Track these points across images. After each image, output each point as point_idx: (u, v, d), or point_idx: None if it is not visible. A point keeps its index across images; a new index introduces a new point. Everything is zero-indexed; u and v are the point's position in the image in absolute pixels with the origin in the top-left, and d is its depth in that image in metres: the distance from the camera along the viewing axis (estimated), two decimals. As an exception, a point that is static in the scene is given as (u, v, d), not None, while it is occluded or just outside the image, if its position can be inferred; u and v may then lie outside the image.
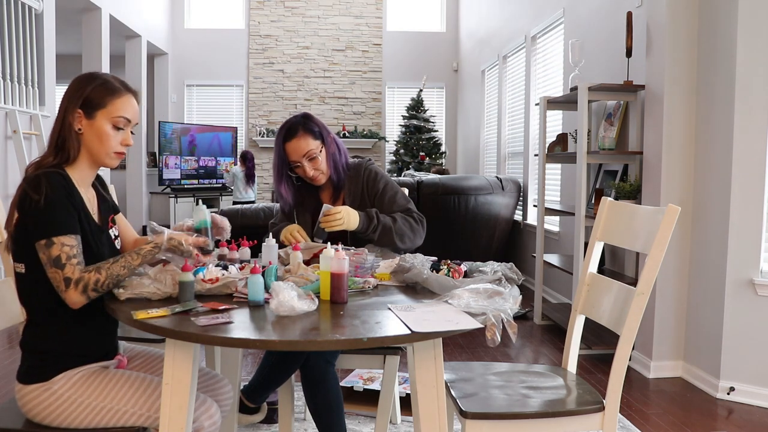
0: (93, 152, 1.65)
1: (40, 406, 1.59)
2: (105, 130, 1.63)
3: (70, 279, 1.52)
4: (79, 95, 1.62)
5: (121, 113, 1.64)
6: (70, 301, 1.54)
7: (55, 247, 1.52)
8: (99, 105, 1.62)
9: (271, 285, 1.57)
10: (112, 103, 1.63)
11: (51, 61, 5.63)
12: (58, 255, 1.52)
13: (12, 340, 3.92)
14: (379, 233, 2.23)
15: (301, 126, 2.30)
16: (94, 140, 1.63)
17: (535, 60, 6.01)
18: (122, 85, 1.68)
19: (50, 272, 1.53)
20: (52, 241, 1.52)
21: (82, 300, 1.54)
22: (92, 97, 1.62)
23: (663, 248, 1.65)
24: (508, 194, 5.40)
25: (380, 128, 9.86)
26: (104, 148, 1.64)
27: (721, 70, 3.09)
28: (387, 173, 2.44)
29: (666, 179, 3.30)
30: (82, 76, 1.68)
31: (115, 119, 1.64)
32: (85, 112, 1.62)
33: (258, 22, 9.72)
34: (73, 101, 1.62)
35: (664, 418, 2.83)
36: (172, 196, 8.70)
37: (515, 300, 1.58)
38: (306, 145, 2.28)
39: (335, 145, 2.37)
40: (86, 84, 1.64)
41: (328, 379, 2.10)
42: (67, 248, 1.53)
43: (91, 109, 1.62)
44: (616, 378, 1.71)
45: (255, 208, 4.52)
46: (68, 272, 1.52)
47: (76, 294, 1.53)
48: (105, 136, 1.63)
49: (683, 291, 3.36)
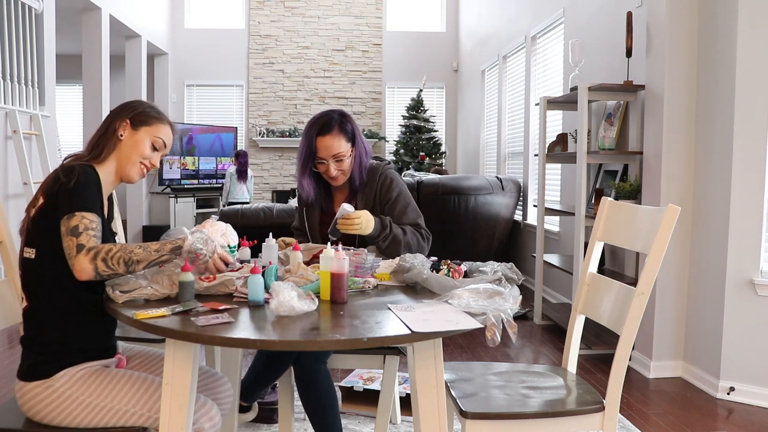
0: (123, 158, 1.77)
1: (41, 404, 1.59)
2: (143, 142, 1.79)
3: (83, 245, 1.55)
4: (132, 109, 1.81)
5: (161, 135, 1.82)
6: (78, 267, 1.54)
7: (75, 218, 1.58)
8: (146, 122, 1.80)
9: (271, 285, 1.57)
10: (157, 125, 1.82)
11: (51, 61, 5.62)
12: (77, 225, 1.57)
13: (12, 340, 3.92)
14: (388, 242, 2.20)
15: (337, 124, 2.25)
16: (130, 148, 1.77)
17: (535, 60, 6.01)
18: (166, 116, 1.87)
19: (66, 241, 1.57)
20: (74, 214, 1.58)
21: (90, 269, 1.54)
22: (143, 114, 1.81)
23: (663, 248, 1.66)
24: (508, 194, 5.40)
25: (380, 128, 9.85)
26: (135, 157, 1.77)
27: (721, 70, 3.09)
28: (402, 181, 2.40)
29: (666, 179, 3.30)
30: (137, 100, 1.89)
31: (155, 138, 1.81)
32: (132, 124, 1.79)
33: (258, 22, 9.72)
34: (125, 113, 1.80)
35: (664, 418, 2.83)
36: (172, 197, 8.69)
37: (515, 300, 1.58)
38: (338, 146, 2.23)
39: (363, 147, 2.32)
40: (140, 104, 1.84)
41: (320, 378, 2.10)
42: (87, 221, 1.59)
43: (139, 123, 1.79)
44: (616, 378, 1.71)
45: (255, 208, 4.52)
46: (83, 240, 1.56)
47: (86, 260, 1.54)
48: (141, 147, 1.78)
49: (683, 291, 3.36)
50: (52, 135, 5.64)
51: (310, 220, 2.40)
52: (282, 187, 9.80)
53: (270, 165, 9.84)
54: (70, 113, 9.60)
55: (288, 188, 9.69)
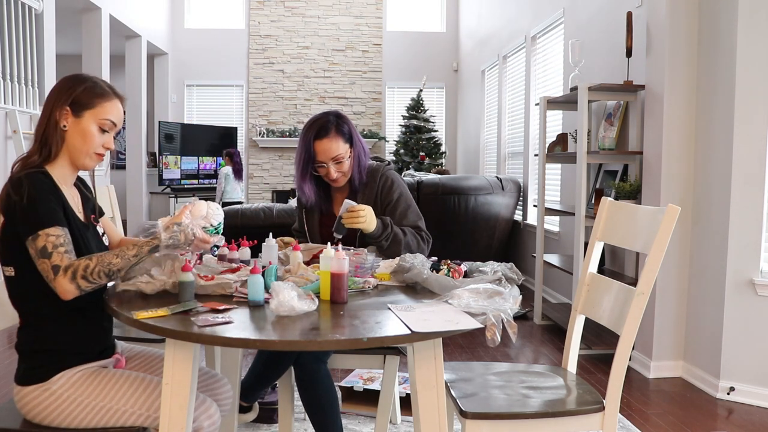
0: (74, 151, 1.65)
1: (39, 407, 1.58)
2: (90, 130, 1.64)
3: (58, 266, 1.50)
4: (68, 94, 1.63)
5: (108, 116, 1.66)
6: (61, 289, 1.50)
7: (41, 239, 1.51)
8: (87, 105, 1.64)
9: (271, 285, 1.57)
10: (101, 105, 1.65)
11: (51, 61, 5.63)
12: (44, 245, 1.51)
13: (12, 340, 3.92)
14: (390, 242, 2.19)
15: (334, 126, 2.23)
16: (77, 138, 1.64)
17: (535, 60, 6.01)
18: (111, 89, 1.69)
19: (39, 264, 1.51)
20: (38, 234, 1.51)
21: (72, 289, 1.50)
22: (81, 97, 1.64)
23: (663, 248, 1.65)
24: (508, 194, 5.40)
25: (380, 128, 9.85)
26: (86, 148, 1.65)
27: (721, 70, 3.09)
28: (403, 182, 2.39)
29: (666, 179, 3.29)
30: (71, 75, 1.70)
31: (101, 121, 1.66)
32: (73, 111, 1.63)
33: (258, 22, 9.71)
34: (62, 99, 1.63)
35: (664, 418, 2.83)
36: (172, 196, 8.69)
37: (515, 300, 1.58)
38: (337, 148, 2.22)
39: (361, 147, 2.31)
40: (76, 84, 1.65)
41: (320, 377, 2.10)
42: (53, 238, 1.52)
43: (80, 108, 1.63)
44: (616, 378, 1.71)
45: (255, 208, 4.52)
46: (56, 260, 1.50)
47: (66, 281, 1.49)
48: (89, 136, 1.64)
49: (683, 291, 3.36)
50: (52, 135, 5.63)
51: (310, 222, 2.40)
52: (282, 187, 9.80)
53: (270, 165, 9.84)
54: (70, 113, 9.58)
55: (288, 188, 9.69)
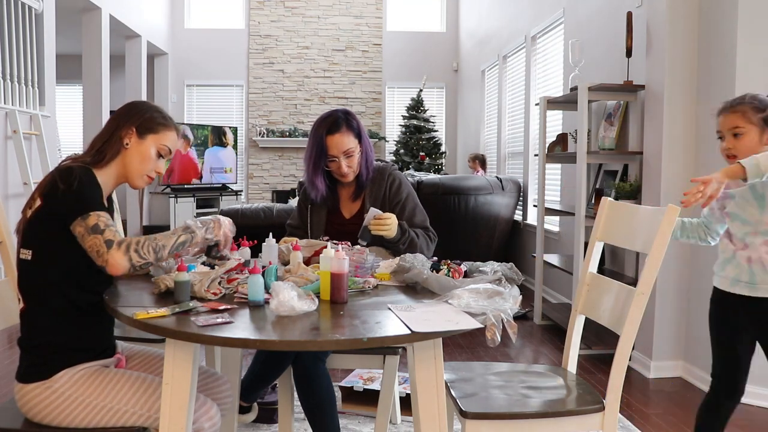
0: (128, 168, 1.75)
1: (40, 405, 1.58)
2: (149, 152, 1.76)
3: (112, 240, 1.55)
4: (138, 116, 1.76)
5: (167, 143, 1.79)
6: (114, 261, 1.53)
7: (92, 218, 1.57)
8: (152, 130, 1.77)
9: (271, 285, 1.57)
10: (163, 132, 1.78)
11: (51, 61, 5.62)
12: (96, 223, 1.56)
13: (12, 340, 3.92)
14: (407, 245, 2.24)
15: (344, 122, 2.30)
16: (136, 158, 1.75)
17: (535, 60, 6.01)
18: (172, 121, 1.84)
19: (90, 240, 1.55)
20: (89, 215, 1.57)
21: (124, 262, 1.54)
22: (148, 122, 1.77)
23: (663, 248, 1.66)
24: (508, 194, 5.40)
25: (380, 128, 9.85)
26: (142, 168, 1.76)
27: (721, 70, 3.08)
28: (408, 182, 2.45)
29: (666, 179, 3.29)
30: (141, 101, 1.85)
31: (161, 146, 1.78)
32: (138, 132, 1.75)
33: (258, 22, 9.72)
34: (132, 120, 1.76)
35: (664, 418, 2.83)
36: (172, 197, 8.69)
37: (515, 300, 1.58)
38: (348, 142, 2.29)
39: (368, 144, 2.39)
40: (146, 109, 1.80)
41: (318, 377, 2.11)
42: (104, 218, 1.58)
43: (145, 131, 1.76)
44: (616, 378, 1.71)
45: (255, 208, 4.52)
46: (109, 235, 1.55)
47: (120, 254, 1.53)
48: (147, 158, 1.76)
49: (683, 291, 3.35)
50: (52, 135, 5.64)
51: (315, 218, 2.41)
52: (282, 187, 9.80)
53: (270, 165, 9.84)
54: (70, 113, 9.59)
55: (288, 188, 9.69)
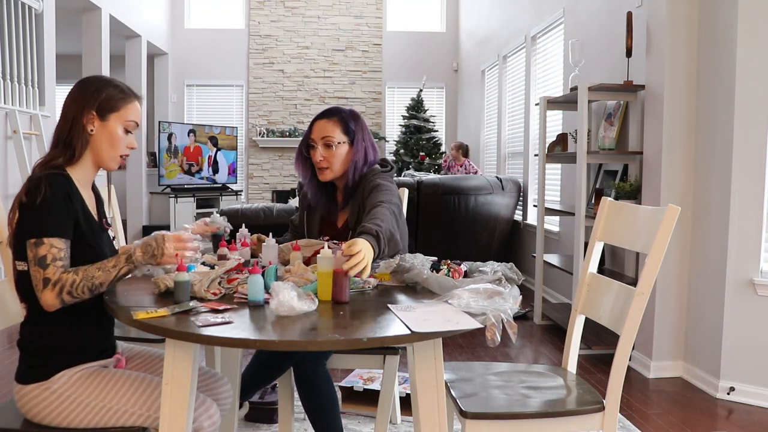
0: (100, 154, 1.69)
1: (39, 406, 1.58)
2: (117, 133, 1.68)
3: (48, 279, 1.52)
4: (95, 98, 1.66)
5: (132, 117, 1.71)
6: (44, 302, 1.53)
7: (44, 247, 1.53)
8: (113, 108, 1.67)
9: (271, 285, 1.57)
10: (125, 107, 1.69)
11: (51, 61, 5.63)
12: (45, 255, 1.53)
13: (12, 340, 3.92)
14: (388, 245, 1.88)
15: (340, 114, 2.23)
16: (104, 143, 1.67)
17: (535, 60, 6.01)
18: (130, 91, 1.73)
19: (32, 271, 1.53)
20: (42, 241, 1.53)
21: (55, 303, 1.53)
22: (107, 101, 1.67)
23: (663, 248, 1.65)
24: (508, 194, 5.40)
25: (380, 128, 9.85)
26: (113, 151, 1.69)
27: (721, 70, 3.08)
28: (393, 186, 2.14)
29: (666, 179, 3.29)
30: (92, 78, 1.72)
31: (127, 123, 1.70)
32: (99, 115, 1.66)
33: (258, 22, 9.72)
34: (89, 103, 1.66)
35: (664, 418, 2.83)
36: (172, 197, 8.68)
37: (515, 300, 1.58)
38: (330, 130, 2.18)
39: (363, 152, 2.22)
40: (99, 88, 1.68)
41: (318, 378, 2.10)
42: (55, 250, 1.54)
43: (106, 111, 1.67)
44: (616, 378, 1.71)
45: (255, 208, 4.52)
46: (49, 273, 1.52)
47: (51, 296, 1.52)
48: (116, 139, 1.68)
49: (683, 291, 3.36)
50: (52, 135, 5.63)
51: (310, 222, 2.40)
52: (282, 187, 9.80)
53: (270, 165, 9.84)
54: (70, 113, 9.58)
55: (288, 188, 9.69)
